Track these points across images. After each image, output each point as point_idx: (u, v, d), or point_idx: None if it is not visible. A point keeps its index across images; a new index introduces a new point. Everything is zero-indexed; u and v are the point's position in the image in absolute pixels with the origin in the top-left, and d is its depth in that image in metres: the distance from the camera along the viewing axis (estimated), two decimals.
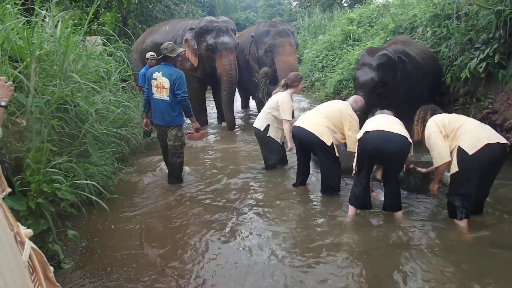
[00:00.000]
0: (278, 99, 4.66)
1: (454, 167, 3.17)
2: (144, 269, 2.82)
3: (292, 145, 4.54)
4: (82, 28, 5.09)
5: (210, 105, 8.95)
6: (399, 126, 3.46)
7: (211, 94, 8.70)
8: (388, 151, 3.31)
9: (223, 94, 7.40)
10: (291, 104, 4.69)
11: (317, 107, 4.35)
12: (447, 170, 3.36)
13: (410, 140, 3.36)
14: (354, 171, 3.57)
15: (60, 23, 4.38)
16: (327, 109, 4.15)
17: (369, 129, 3.41)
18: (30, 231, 1.62)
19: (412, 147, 3.44)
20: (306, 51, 13.86)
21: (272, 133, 4.80)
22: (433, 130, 3.35)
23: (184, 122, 4.62)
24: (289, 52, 7.27)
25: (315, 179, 4.53)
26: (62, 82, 3.85)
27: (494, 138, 3.11)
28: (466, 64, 5.04)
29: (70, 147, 3.83)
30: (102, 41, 7.16)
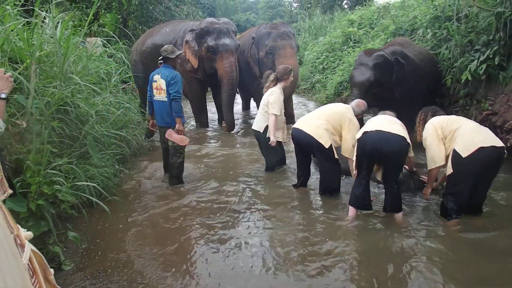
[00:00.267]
0: (269, 97, 4.66)
1: (449, 168, 3.23)
2: (145, 270, 2.82)
3: (274, 138, 4.64)
4: (82, 29, 5.09)
5: (210, 107, 8.93)
6: (398, 126, 3.47)
7: (211, 95, 8.68)
8: (386, 151, 3.32)
9: (223, 96, 7.37)
10: (281, 99, 4.70)
11: (318, 109, 4.36)
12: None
13: (408, 140, 3.37)
14: (354, 171, 3.59)
15: (60, 24, 4.39)
16: (328, 111, 4.16)
17: (368, 129, 3.43)
18: (30, 234, 1.61)
19: (411, 148, 3.45)
20: (307, 52, 13.86)
21: (272, 137, 4.78)
22: (429, 133, 3.41)
23: (185, 123, 4.61)
24: (289, 54, 7.27)
25: (315, 180, 4.52)
26: (62, 84, 3.85)
27: (489, 141, 3.13)
28: (467, 66, 5.05)
29: (70, 149, 3.82)
30: (102, 42, 7.16)
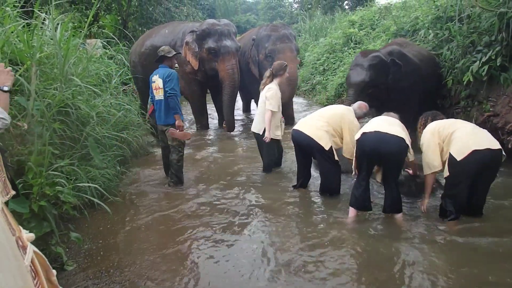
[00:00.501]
0: (266, 93, 4.65)
1: (446, 171, 3.28)
2: (147, 270, 2.81)
3: (269, 134, 4.64)
4: (82, 31, 5.08)
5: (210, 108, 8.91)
6: (398, 127, 3.47)
7: (210, 97, 8.63)
8: (385, 152, 3.34)
9: (225, 98, 7.33)
10: (279, 95, 4.69)
11: (318, 110, 4.37)
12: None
13: (408, 142, 3.38)
14: (354, 172, 3.61)
15: (59, 26, 4.39)
16: (328, 113, 4.17)
17: (367, 130, 3.45)
18: (32, 235, 1.60)
19: (410, 150, 3.46)
20: (307, 54, 13.83)
21: (267, 132, 4.76)
22: (426, 139, 3.46)
23: (184, 120, 4.62)
24: (289, 58, 7.22)
25: (315, 181, 4.51)
26: (63, 85, 3.84)
27: (484, 144, 3.15)
28: (468, 67, 5.03)
29: (71, 150, 3.81)
30: (102, 44, 7.14)
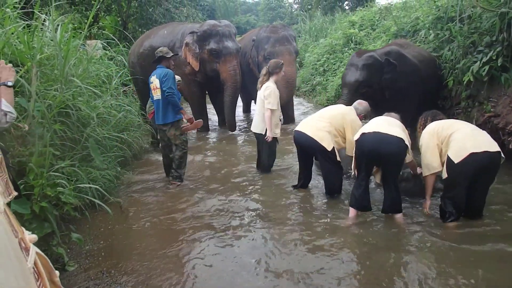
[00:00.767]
0: (264, 92, 4.65)
1: (444, 173, 3.28)
2: (148, 271, 2.81)
3: (271, 134, 4.65)
4: (82, 32, 5.08)
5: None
6: (397, 128, 3.47)
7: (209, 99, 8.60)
8: (383, 153, 3.34)
9: (226, 99, 7.35)
10: (277, 94, 4.69)
11: (319, 111, 4.37)
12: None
13: (407, 142, 3.38)
14: (353, 173, 3.62)
15: (60, 27, 4.39)
16: (329, 113, 4.16)
17: (366, 130, 3.46)
18: (34, 237, 1.60)
19: (409, 150, 3.46)
20: (307, 54, 13.82)
21: (269, 132, 4.75)
22: (424, 140, 3.46)
23: (182, 119, 4.68)
24: (287, 61, 7.19)
25: (315, 182, 4.52)
26: (63, 87, 3.84)
27: (482, 146, 3.14)
28: (469, 67, 5.01)
29: (72, 151, 3.81)
30: (102, 45, 7.13)
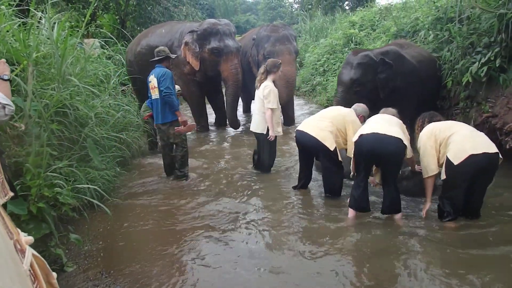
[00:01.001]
0: (263, 91, 4.63)
1: (443, 174, 3.29)
2: (147, 272, 2.80)
3: (273, 133, 4.65)
4: (80, 30, 5.06)
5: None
6: (395, 127, 3.48)
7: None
8: (382, 154, 3.35)
9: (228, 98, 7.36)
10: (276, 93, 4.69)
11: (321, 111, 4.38)
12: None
13: (406, 142, 3.39)
14: (352, 174, 3.63)
15: (56, 25, 4.37)
16: (331, 113, 4.18)
17: (364, 132, 3.46)
18: (31, 238, 1.58)
19: (409, 149, 3.46)
20: (307, 54, 13.78)
21: (271, 131, 4.74)
22: (422, 142, 3.47)
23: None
24: (287, 61, 7.23)
25: (316, 183, 4.51)
26: (61, 86, 3.82)
27: (480, 148, 3.16)
28: (468, 68, 5.02)
29: (70, 152, 3.79)
30: (100, 43, 7.10)
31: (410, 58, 5.45)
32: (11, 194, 1.65)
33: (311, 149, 4.07)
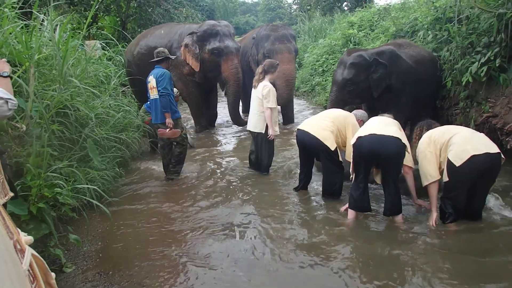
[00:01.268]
0: (262, 91, 4.63)
1: (445, 176, 3.27)
2: (146, 272, 2.81)
3: (273, 132, 4.67)
4: (81, 32, 5.07)
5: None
6: (393, 127, 3.48)
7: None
8: (382, 154, 3.34)
9: (229, 97, 7.44)
10: (274, 92, 4.69)
11: (322, 112, 4.41)
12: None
13: (404, 141, 3.38)
14: (352, 175, 3.62)
15: (58, 27, 4.39)
16: (333, 114, 4.21)
17: (361, 134, 3.46)
18: (30, 238, 1.59)
19: (408, 148, 3.46)
20: (307, 55, 13.82)
21: (271, 130, 4.75)
22: (421, 150, 3.47)
23: (180, 117, 4.80)
24: (287, 59, 7.28)
25: (315, 183, 4.51)
26: (62, 87, 3.84)
27: (482, 148, 3.14)
28: (467, 68, 5.02)
29: (70, 152, 3.80)
30: (101, 45, 7.12)
31: (407, 58, 5.46)
32: (11, 194, 1.66)
33: (311, 148, 4.07)
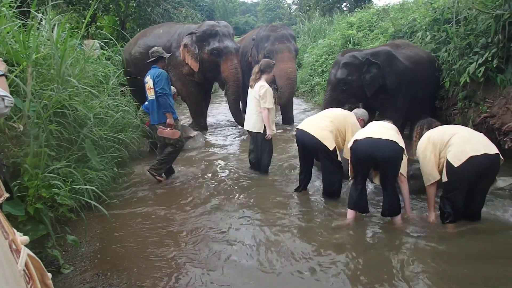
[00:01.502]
0: (259, 91, 4.63)
1: (444, 176, 3.28)
2: (144, 273, 2.80)
3: (271, 132, 4.68)
4: (80, 31, 5.07)
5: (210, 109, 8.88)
6: (390, 131, 3.49)
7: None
8: (379, 157, 3.35)
9: (230, 97, 7.50)
10: (271, 92, 4.70)
11: (322, 111, 4.41)
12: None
13: (401, 144, 3.38)
14: (350, 177, 3.64)
15: (56, 26, 4.38)
16: (332, 113, 4.21)
17: (358, 137, 3.47)
18: (26, 238, 1.59)
19: (405, 151, 3.46)
20: (306, 55, 13.86)
21: (269, 130, 4.76)
22: (421, 151, 3.49)
23: (178, 119, 4.79)
24: (287, 59, 7.31)
25: (315, 183, 4.52)
26: (60, 86, 3.83)
27: (480, 149, 3.15)
28: (465, 68, 5.04)
29: (68, 152, 3.80)
30: (100, 44, 7.12)
31: (404, 58, 5.49)
32: (7, 195, 1.66)
33: (311, 148, 4.08)
